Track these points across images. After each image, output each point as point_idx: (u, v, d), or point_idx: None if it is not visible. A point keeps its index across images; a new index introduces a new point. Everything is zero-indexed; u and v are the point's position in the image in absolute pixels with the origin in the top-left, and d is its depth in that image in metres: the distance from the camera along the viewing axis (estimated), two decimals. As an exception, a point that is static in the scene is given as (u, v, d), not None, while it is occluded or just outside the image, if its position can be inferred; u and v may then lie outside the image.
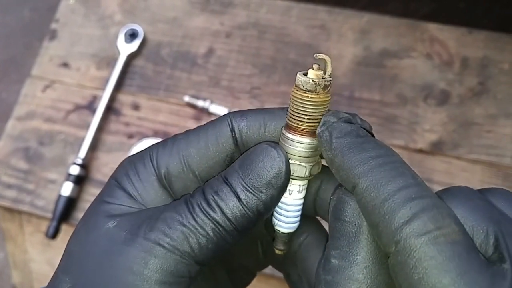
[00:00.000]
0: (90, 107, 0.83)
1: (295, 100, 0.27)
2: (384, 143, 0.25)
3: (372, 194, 0.23)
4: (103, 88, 0.83)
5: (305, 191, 0.29)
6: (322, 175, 0.29)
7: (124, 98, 0.84)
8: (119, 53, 0.85)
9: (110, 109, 0.83)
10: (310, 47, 0.85)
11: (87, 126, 0.80)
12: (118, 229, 0.26)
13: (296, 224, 0.30)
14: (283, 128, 0.28)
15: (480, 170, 0.75)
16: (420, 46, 0.83)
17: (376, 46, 0.84)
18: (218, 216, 0.26)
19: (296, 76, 0.28)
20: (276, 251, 0.30)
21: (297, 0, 0.89)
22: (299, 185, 0.29)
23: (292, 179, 0.28)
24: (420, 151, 0.76)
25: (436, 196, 0.23)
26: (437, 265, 0.21)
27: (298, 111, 0.27)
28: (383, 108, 0.79)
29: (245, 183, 0.26)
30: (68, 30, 0.90)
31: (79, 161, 0.77)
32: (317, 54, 0.27)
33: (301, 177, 0.28)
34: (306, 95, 0.27)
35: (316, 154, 0.28)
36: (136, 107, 0.83)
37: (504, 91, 0.79)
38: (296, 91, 0.27)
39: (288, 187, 0.28)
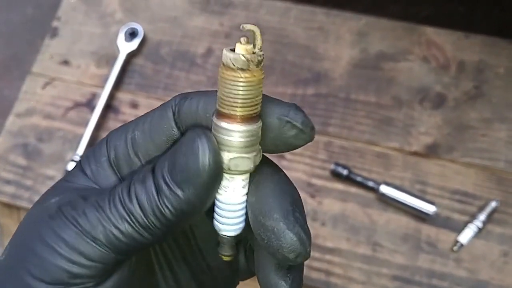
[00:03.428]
0: (89, 105, 0.84)
1: (225, 82, 0.24)
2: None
3: None
4: (102, 86, 0.84)
5: (248, 185, 0.26)
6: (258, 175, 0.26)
7: (123, 96, 0.85)
8: (119, 51, 0.86)
9: (109, 107, 0.83)
10: (308, 48, 0.85)
11: (85, 124, 0.81)
12: (54, 204, 0.26)
13: (243, 224, 0.27)
14: (213, 116, 0.25)
15: (474, 174, 0.75)
16: (417, 49, 0.84)
17: (373, 48, 0.85)
18: (134, 208, 0.24)
19: (222, 53, 0.24)
20: (223, 258, 0.28)
21: (296, 1, 0.90)
22: (242, 180, 0.25)
23: (234, 174, 0.25)
24: (415, 153, 0.77)
25: None
26: None
27: (229, 95, 0.24)
28: (378, 110, 0.80)
29: (167, 175, 0.24)
30: (69, 28, 0.91)
31: (77, 158, 0.78)
32: (244, 25, 0.24)
33: (245, 170, 0.25)
34: (237, 74, 0.23)
35: (256, 141, 0.25)
36: (134, 105, 0.84)
37: (499, 96, 0.80)
38: (224, 72, 0.24)
39: (230, 184, 0.25)
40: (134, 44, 0.87)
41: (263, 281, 0.26)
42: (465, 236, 0.71)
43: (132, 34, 0.87)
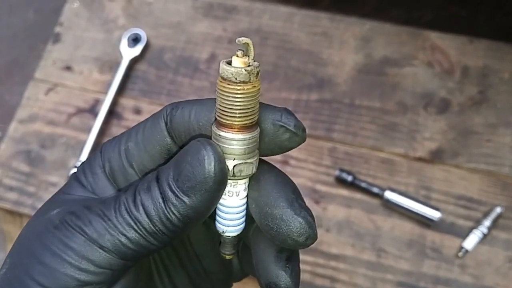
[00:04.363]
0: (92, 111, 0.84)
1: (225, 95, 0.25)
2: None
3: None
4: (105, 92, 0.84)
5: (248, 187, 0.27)
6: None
7: (126, 102, 0.84)
8: (121, 57, 0.86)
9: (112, 113, 0.83)
10: (312, 54, 0.85)
11: (88, 130, 0.81)
12: (57, 215, 0.26)
13: (244, 224, 0.28)
14: (213, 125, 0.26)
15: (479, 179, 0.75)
16: (421, 54, 0.84)
17: (378, 53, 0.84)
18: (141, 216, 0.25)
19: (220, 67, 0.25)
20: (225, 257, 0.29)
21: (299, 6, 0.89)
22: (244, 183, 0.27)
23: (238, 179, 0.26)
24: (420, 159, 0.77)
25: None
26: None
27: (230, 106, 0.25)
28: (383, 115, 0.80)
29: (173, 183, 0.25)
30: (72, 33, 0.91)
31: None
32: (240, 39, 0.25)
33: (248, 175, 0.26)
34: (239, 87, 0.24)
35: (256, 146, 0.26)
36: (137, 111, 0.83)
37: (503, 100, 0.79)
38: (225, 85, 0.24)
39: (233, 189, 0.27)
40: (137, 50, 0.86)
41: (263, 275, 0.28)
42: (470, 242, 0.71)
43: (135, 40, 0.87)
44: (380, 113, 0.80)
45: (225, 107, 0.25)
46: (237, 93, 0.24)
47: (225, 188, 0.26)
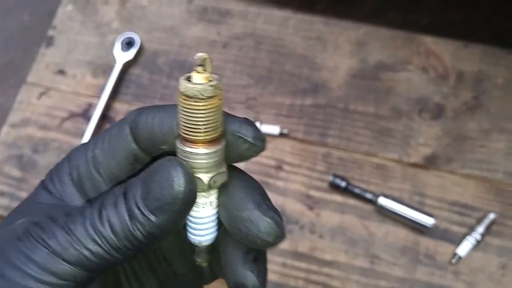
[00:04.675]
0: (85, 115, 0.83)
1: (192, 112, 0.24)
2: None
3: None
4: (98, 96, 0.84)
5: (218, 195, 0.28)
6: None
7: (119, 106, 0.84)
8: (115, 61, 0.86)
9: (105, 117, 0.83)
10: (306, 58, 0.85)
11: (81, 134, 0.80)
12: (21, 226, 0.26)
13: (217, 232, 0.28)
14: (178, 143, 0.26)
15: (473, 185, 0.75)
16: (416, 59, 0.83)
17: (372, 58, 0.84)
18: (106, 231, 0.25)
19: (182, 85, 0.24)
20: (203, 264, 0.29)
21: (294, 10, 0.89)
22: (216, 192, 0.27)
23: (213, 189, 0.27)
24: (414, 165, 0.76)
25: None
26: None
27: (198, 123, 0.24)
28: (377, 121, 0.80)
29: (141, 202, 0.25)
30: (65, 37, 0.90)
31: (73, 169, 0.77)
32: (198, 55, 0.24)
33: (221, 183, 0.27)
34: (206, 103, 0.24)
35: (223, 157, 0.26)
36: (131, 115, 0.83)
37: (497, 106, 0.79)
38: (192, 102, 0.24)
39: (208, 200, 0.27)
40: (131, 53, 0.86)
41: (231, 276, 0.28)
42: (463, 249, 0.70)
43: (128, 44, 0.86)
44: (374, 118, 0.80)
45: (194, 125, 0.25)
46: (205, 109, 0.24)
47: (192, 207, 0.26)
